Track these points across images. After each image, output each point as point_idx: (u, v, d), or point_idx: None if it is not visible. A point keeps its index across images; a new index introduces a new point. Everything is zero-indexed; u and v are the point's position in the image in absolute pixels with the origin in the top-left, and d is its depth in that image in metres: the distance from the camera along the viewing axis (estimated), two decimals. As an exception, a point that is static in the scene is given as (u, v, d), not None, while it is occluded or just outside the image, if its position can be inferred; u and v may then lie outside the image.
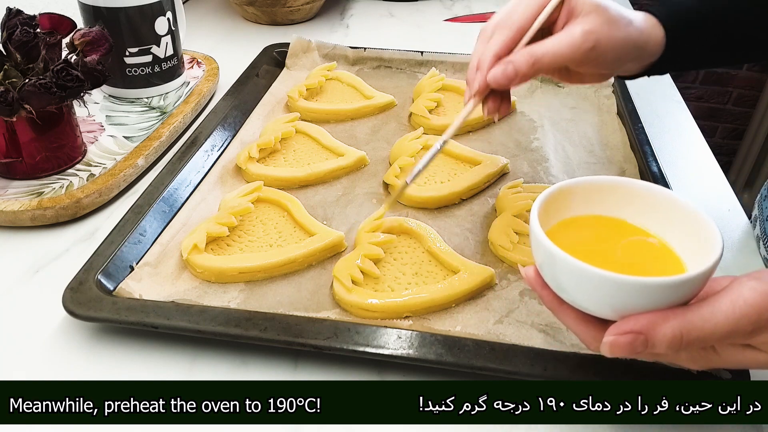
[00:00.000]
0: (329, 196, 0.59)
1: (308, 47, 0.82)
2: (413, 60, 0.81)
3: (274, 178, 0.60)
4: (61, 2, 0.77)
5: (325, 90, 0.76)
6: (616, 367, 0.41)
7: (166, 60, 0.74)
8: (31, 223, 0.55)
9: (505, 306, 0.47)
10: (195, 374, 0.43)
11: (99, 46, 0.60)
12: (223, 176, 0.61)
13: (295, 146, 0.66)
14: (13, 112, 0.54)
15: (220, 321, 0.43)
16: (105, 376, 0.43)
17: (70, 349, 0.44)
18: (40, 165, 0.59)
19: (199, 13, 1.06)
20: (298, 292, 0.48)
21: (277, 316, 0.44)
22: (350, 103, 0.73)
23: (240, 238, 0.53)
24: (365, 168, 0.64)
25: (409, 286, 0.48)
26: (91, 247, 0.50)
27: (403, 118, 0.73)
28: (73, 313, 0.43)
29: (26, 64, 0.57)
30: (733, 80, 1.93)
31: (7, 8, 0.58)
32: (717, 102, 1.98)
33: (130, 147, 0.64)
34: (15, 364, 0.43)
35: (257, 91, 0.75)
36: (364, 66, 0.82)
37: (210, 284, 0.49)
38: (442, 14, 1.07)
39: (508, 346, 0.42)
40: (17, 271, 0.51)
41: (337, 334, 0.42)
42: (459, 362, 0.41)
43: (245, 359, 0.44)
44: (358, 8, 1.10)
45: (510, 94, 0.47)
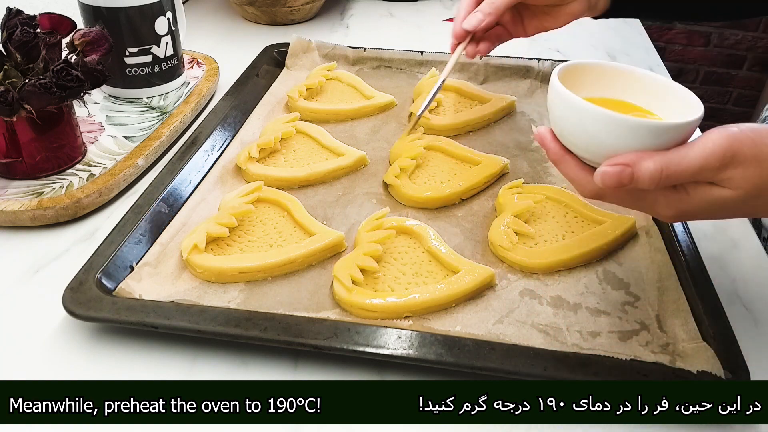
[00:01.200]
0: (329, 196, 0.59)
1: (308, 47, 0.82)
2: (413, 60, 0.81)
3: (274, 178, 0.60)
4: (61, 2, 0.77)
5: (325, 90, 0.76)
6: (616, 367, 0.41)
7: (166, 60, 0.74)
8: (31, 223, 0.55)
9: (505, 306, 0.47)
10: (195, 374, 0.43)
11: (99, 46, 0.60)
12: (223, 176, 0.61)
13: (295, 146, 0.66)
14: (13, 112, 0.54)
15: (220, 321, 0.43)
16: (105, 376, 0.43)
17: (70, 349, 0.44)
18: (40, 165, 0.59)
19: (199, 13, 1.06)
20: (298, 292, 0.48)
21: (277, 316, 0.44)
22: (350, 103, 0.73)
23: (240, 238, 0.53)
24: (365, 168, 0.64)
25: (409, 286, 0.48)
26: (91, 247, 0.50)
27: (403, 118, 0.73)
28: (73, 313, 0.43)
29: (26, 64, 0.57)
30: (733, 80, 1.94)
31: (7, 8, 0.58)
32: (717, 102, 1.98)
33: (130, 147, 0.64)
34: (15, 364, 0.43)
35: (257, 91, 0.75)
36: (364, 66, 0.82)
37: (210, 284, 0.49)
38: (442, 14, 1.07)
39: (508, 346, 0.42)
40: (17, 271, 0.51)
41: (337, 334, 0.42)
42: (459, 362, 0.41)
43: (245, 359, 0.44)
44: (358, 8, 1.09)
45: (485, 39, 0.60)
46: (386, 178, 0.60)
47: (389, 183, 0.59)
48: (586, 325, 0.46)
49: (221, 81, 0.80)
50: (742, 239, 0.57)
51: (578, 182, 0.40)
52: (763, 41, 1.86)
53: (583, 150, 0.40)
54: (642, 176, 0.36)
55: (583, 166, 0.40)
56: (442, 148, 0.64)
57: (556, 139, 0.41)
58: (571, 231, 0.54)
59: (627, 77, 0.44)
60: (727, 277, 0.52)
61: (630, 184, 0.37)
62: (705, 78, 1.95)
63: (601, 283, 0.50)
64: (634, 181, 0.36)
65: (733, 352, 0.42)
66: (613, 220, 0.54)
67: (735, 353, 0.42)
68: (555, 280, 0.50)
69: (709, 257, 0.51)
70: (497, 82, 0.79)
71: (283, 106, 0.74)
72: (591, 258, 0.52)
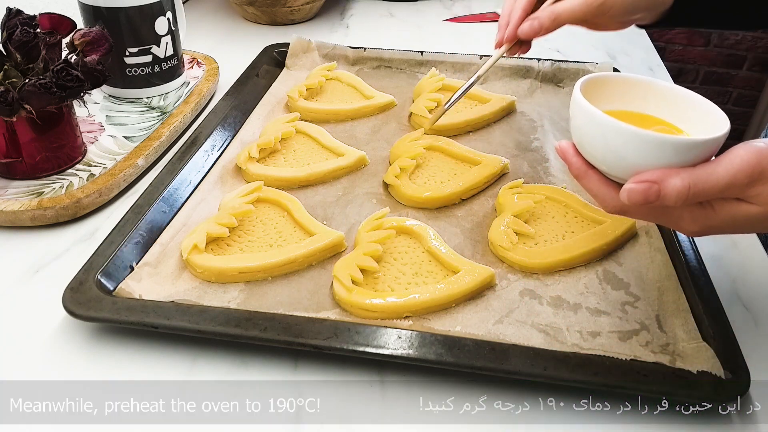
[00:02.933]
0: (329, 196, 0.59)
1: (308, 47, 0.82)
2: (413, 60, 0.81)
3: (274, 178, 0.60)
4: (61, 2, 0.77)
5: (325, 90, 0.76)
6: (616, 367, 0.41)
7: (166, 60, 0.74)
8: (31, 223, 0.55)
9: (505, 306, 0.47)
10: (195, 374, 0.43)
11: (99, 46, 0.60)
12: (223, 176, 0.61)
13: (295, 146, 0.66)
14: (13, 112, 0.54)
15: (220, 321, 0.43)
16: (105, 376, 0.43)
17: (70, 350, 0.44)
18: (40, 165, 0.59)
19: (199, 13, 1.06)
20: (298, 292, 0.48)
21: (277, 316, 0.44)
22: (350, 103, 0.73)
23: (240, 238, 0.53)
24: (365, 168, 0.64)
25: (409, 286, 0.48)
26: (91, 247, 0.50)
27: (403, 118, 0.73)
28: (73, 313, 0.43)
29: (26, 64, 0.57)
30: (733, 80, 1.94)
31: (7, 8, 0.58)
32: (717, 102, 1.96)
33: (130, 147, 0.64)
34: (15, 364, 0.43)
35: (257, 91, 0.75)
36: (364, 66, 0.82)
37: (210, 284, 0.49)
38: (442, 14, 1.07)
39: (508, 346, 0.42)
40: (17, 271, 0.51)
41: (337, 334, 0.42)
42: (459, 362, 0.41)
43: (245, 359, 0.44)
44: (358, 8, 1.10)
45: (529, 41, 0.56)
46: (386, 178, 0.60)
47: (389, 183, 0.59)
48: (586, 325, 0.46)
49: (221, 81, 0.80)
50: (742, 239, 0.57)
51: (602, 198, 0.40)
52: (763, 41, 1.86)
53: (606, 165, 0.39)
54: (669, 194, 0.35)
55: (606, 181, 0.40)
56: (442, 148, 0.64)
57: (579, 153, 0.41)
58: (571, 231, 0.54)
59: (650, 89, 0.44)
60: (727, 277, 0.52)
61: (656, 202, 0.36)
62: (705, 78, 1.95)
63: (601, 283, 0.50)
64: (661, 198, 0.36)
65: (733, 352, 0.42)
66: (613, 220, 0.54)
67: (735, 353, 0.42)
68: (555, 280, 0.50)
69: (709, 257, 0.51)
70: (497, 82, 0.79)
71: (283, 106, 0.74)
72: (591, 258, 0.52)
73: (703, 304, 0.45)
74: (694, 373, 0.40)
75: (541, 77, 0.78)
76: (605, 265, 0.51)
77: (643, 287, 0.49)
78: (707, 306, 0.45)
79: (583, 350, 0.43)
